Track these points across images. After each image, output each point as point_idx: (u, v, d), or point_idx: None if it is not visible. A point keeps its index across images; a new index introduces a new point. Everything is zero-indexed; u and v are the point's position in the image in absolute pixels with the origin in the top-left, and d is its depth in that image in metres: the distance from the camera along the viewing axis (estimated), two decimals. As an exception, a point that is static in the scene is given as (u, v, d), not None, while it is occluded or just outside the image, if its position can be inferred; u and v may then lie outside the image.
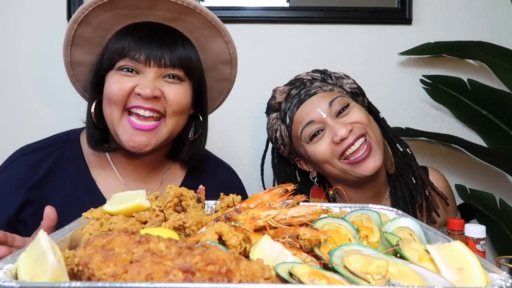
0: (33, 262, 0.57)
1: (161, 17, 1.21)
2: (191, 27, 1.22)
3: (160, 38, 1.17)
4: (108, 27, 1.21)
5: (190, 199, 0.87)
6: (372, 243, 0.76)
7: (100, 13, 1.17)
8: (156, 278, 0.53)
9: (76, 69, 1.27)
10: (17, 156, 1.25)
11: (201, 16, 1.19)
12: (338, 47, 1.88)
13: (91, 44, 1.23)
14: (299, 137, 1.38)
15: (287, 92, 1.42)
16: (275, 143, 1.50)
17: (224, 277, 0.54)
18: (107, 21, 1.20)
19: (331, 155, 1.34)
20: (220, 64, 1.30)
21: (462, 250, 0.63)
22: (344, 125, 1.31)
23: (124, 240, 0.60)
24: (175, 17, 1.20)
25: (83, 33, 1.21)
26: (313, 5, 1.85)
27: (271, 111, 1.47)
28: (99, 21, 1.19)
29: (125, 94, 1.14)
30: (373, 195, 1.45)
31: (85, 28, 1.20)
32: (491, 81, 1.84)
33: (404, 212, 0.97)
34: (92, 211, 0.87)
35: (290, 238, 0.70)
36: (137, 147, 1.15)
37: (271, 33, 1.88)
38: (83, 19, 1.18)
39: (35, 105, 1.83)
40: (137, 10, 1.18)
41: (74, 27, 1.19)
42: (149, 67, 1.15)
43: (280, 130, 1.44)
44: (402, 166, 1.45)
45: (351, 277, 0.58)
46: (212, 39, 1.25)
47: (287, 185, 0.88)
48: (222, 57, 1.29)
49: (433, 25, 1.90)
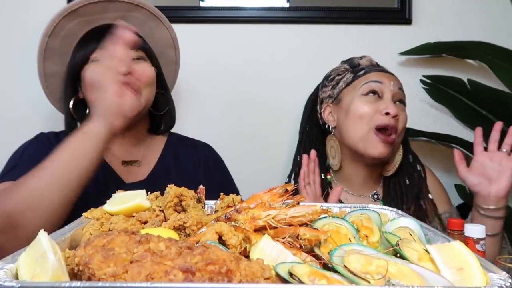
0: (33, 262, 0.57)
1: (113, 17, 1.35)
2: (137, 21, 1.40)
3: None
4: (72, 36, 1.34)
5: (190, 199, 0.87)
6: (372, 243, 0.76)
7: (64, 24, 1.32)
8: (156, 278, 0.53)
9: (49, 81, 1.41)
10: (40, 132, 1.37)
11: (144, 10, 1.39)
12: (338, 47, 1.88)
13: (61, 55, 1.36)
14: (360, 87, 1.46)
15: (372, 63, 1.54)
16: (326, 81, 1.58)
17: (224, 277, 0.54)
18: (71, 30, 1.34)
19: (368, 118, 1.42)
20: (165, 48, 1.50)
21: (462, 250, 0.63)
22: (397, 109, 1.42)
23: (124, 240, 0.60)
24: (123, 15, 1.37)
25: (53, 45, 1.34)
26: (313, 5, 1.85)
27: (347, 64, 1.56)
28: (65, 32, 1.34)
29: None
30: (364, 181, 1.53)
31: (54, 40, 1.34)
32: (491, 81, 1.84)
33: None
34: (92, 211, 0.88)
35: (290, 238, 0.70)
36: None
37: (271, 33, 1.88)
38: (52, 31, 1.32)
39: (34, 105, 1.83)
40: (93, 16, 1.34)
41: (46, 40, 1.33)
42: None
43: (343, 76, 1.53)
44: (407, 167, 1.53)
45: (351, 277, 0.58)
46: (156, 28, 1.45)
47: (287, 185, 0.88)
48: (166, 42, 1.48)
49: (433, 25, 1.90)
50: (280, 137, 1.88)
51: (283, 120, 1.88)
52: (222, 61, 1.87)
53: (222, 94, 1.88)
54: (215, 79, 1.87)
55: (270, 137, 1.89)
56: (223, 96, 1.88)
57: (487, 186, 1.32)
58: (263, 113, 1.89)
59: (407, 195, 1.48)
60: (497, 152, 1.35)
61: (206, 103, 1.87)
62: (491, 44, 1.80)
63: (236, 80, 1.88)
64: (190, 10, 1.82)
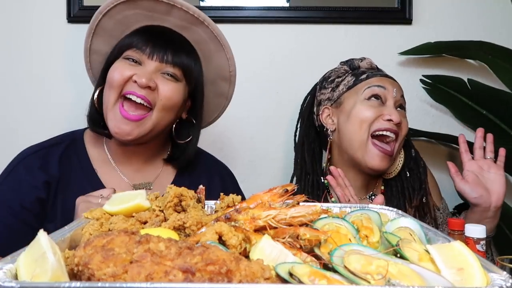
0: (33, 262, 0.57)
1: (174, 23, 1.31)
2: (198, 38, 1.33)
3: (168, 39, 1.28)
4: (128, 23, 1.31)
5: (190, 199, 0.87)
6: (372, 243, 0.76)
7: (123, 9, 1.28)
8: (156, 278, 0.53)
9: (92, 57, 1.37)
10: (25, 155, 1.29)
11: (208, 29, 1.31)
12: (338, 47, 1.88)
13: (110, 36, 1.33)
14: (362, 91, 1.44)
15: (372, 66, 1.51)
16: (325, 82, 1.55)
17: (224, 277, 0.54)
18: (128, 17, 1.30)
19: (369, 122, 1.41)
20: (220, 80, 1.40)
21: (462, 250, 0.63)
22: (399, 116, 1.41)
23: (124, 240, 0.60)
24: (186, 26, 1.31)
25: (105, 24, 1.31)
26: (313, 5, 1.85)
27: (347, 65, 1.54)
28: (121, 16, 1.30)
29: (123, 80, 1.22)
30: (363, 185, 1.51)
31: (108, 20, 1.30)
32: (491, 81, 1.84)
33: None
34: (92, 211, 0.87)
35: (290, 238, 0.70)
36: (120, 134, 1.22)
37: (271, 33, 1.88)
38: (108, 11, 1.28)
39: (34, 106, 1.83)
40: (154, 13, 1.29)
41: (99, 17, 1.29)
42: (151, 60, 1.23)
43: (344, 79, 1.51)
44: (411, 167, 1.53)
45: (351, 277, 0.58)
46: (215, 53, 1.35)
47: (287, 185, 0.88)
48: (222, 72, 1.38)
49: (433, 25, 1.90)
50: (280, 137, 1.88)
51: (283, 119, 1.88)
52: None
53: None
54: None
55: (269, 137, 1.89)
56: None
57: (488, 198, 1.35)
58: (262, 112, 1.89)
59: (410, 191, 1.48)
60: (484, 160, 1.40)
61: (206, 103, 1.87)
62: (492, 44, 1.80)
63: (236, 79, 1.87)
64: (190, 10, 1.82)
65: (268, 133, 1.89)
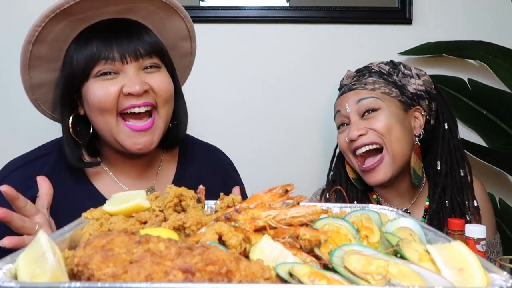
0: (32, 263, 0.57)
1: (113, 11, 1.17)
2: (146, 13, 1.21)
3: (125, 32, 1.15)
4: (63, 37, 1.16)
5: (190, 199, 0.87)
6: (372, 243, 0.76)
7: (52, 26, 1.12)
8: (156, 278, 0.53)
9: (38, 92, 1.22)
10: (9, 171, 1.20)
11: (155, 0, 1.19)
12: (338, 47, 1.88)
13: (49, 62, 1.19)
14: (334, 121, 1.54)
15: (351, 77, 1.52)
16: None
17: (224, 277, 0.54)
18: (61, 31, 1.15)
19: (347, 148, 1.45)
20: (180, 41, 1.31)
21: (462, 250, 0.63)
22: (359, 128, 1.38)
23: (124, 240, 0.60)
24: (129, 8, 1.18)
25: (39, 52, 1.15)
26: (313, 5, 1.85)
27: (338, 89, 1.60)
28: (53, 35, 1.14)
29: (114, 98, 1.12)
30: (398, 194, 1.51)
31: (40, 46, 1.14)
32: (491, 81, 1.84)
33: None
34: (91, 211, 0.87)
35: (290, 238, 0.70)
36: (144, 148, 1.16)
37: (271, 33, 1.88)
38: (37, 38, 1.12)
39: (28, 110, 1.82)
40: (88, 12, 1.14)
41: (29, 49, 1.13)
42: (127, 63, 1.13)
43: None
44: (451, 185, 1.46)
45: (351, 277, 0.58)
46: (168, 19, 1.24)
47: (287, 185, 0.88)
48: (181, 33, 1.29)
49: (433, 25, 1.90)
50: (280, 137, 1.88)
51: (283, 119, 1.88)
52: (221, 60, 1.86)
53: (221, 94, 1.87)
54: (214, 78, 1.86)
55: (269, 137, 1.89)
56: (222, 96, 1.87)
57: None
58: (262, 112, 1.88)
59: (448, 206, 1.42)
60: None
61: (205, 102, 1.87)
62: (492, 44, 1.80)
63: (236, 79, 1.88)
64: (190, 9, 1.79)
65: (268, 133, 1.89)
